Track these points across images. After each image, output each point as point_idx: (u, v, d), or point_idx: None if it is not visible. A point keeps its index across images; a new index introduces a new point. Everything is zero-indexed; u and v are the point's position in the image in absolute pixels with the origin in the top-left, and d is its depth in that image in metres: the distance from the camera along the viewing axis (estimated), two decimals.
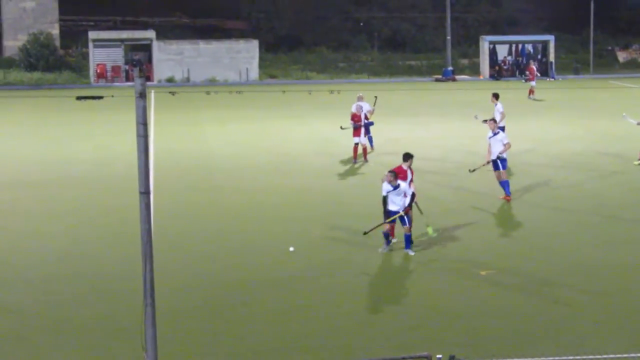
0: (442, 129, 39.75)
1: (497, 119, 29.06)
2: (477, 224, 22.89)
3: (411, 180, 21.18)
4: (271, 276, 18.74)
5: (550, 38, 69.69)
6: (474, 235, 21.80)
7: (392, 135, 37.75)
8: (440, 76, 67.27)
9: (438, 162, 31.53)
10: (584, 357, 13.83)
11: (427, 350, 12.96)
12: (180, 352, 14.55)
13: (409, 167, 21.52)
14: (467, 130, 39.22)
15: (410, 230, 20.08)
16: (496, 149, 25.22)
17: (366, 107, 32.70)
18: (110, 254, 20.31)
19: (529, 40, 70.29)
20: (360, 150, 31.40)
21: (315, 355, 14.55)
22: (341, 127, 32.77)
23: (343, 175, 29.41)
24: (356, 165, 30.98)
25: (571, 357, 13.88)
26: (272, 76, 67.60)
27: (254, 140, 36.59)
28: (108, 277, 18.63)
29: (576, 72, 69.84)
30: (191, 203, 25.39)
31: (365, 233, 20.33)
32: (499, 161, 25.17)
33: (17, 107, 49.58)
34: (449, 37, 69.78)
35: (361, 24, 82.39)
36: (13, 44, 68.81)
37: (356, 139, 31.40)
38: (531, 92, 52.28)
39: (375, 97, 31.24)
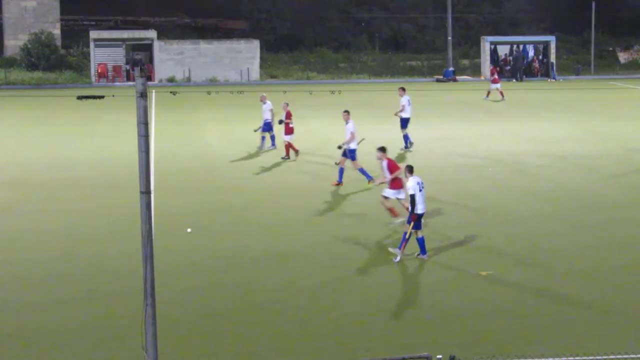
0: (442, 130, 39.74)
1: (401, 112, 33.77)
2: (477, 224, 22.89)
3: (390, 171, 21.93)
4: (271, 276, 18.74)
5: (552, 39, 69.67)
6: (474, 234, 21.79)
7: (392, 135, 37.71)
8: (441, 77, 67.24)
9: (438, 162, 31.52)
10: (584, 357, 13.84)
11: (427, 351, 12.97)
12: (180, 353, 14.55)
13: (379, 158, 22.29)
14: (467, 131, 39.23)
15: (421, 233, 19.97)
16: (348, 138, 26.97)
17: (269, 106, 33.55)
18: (111, 254, 20.31)
19: (530, 40, 70.28)
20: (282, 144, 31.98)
21: (315, 355, 14.56)
22: (279, 122, 32.80)
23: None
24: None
25: (571, 358, 13.89)
26: (273, 76, 67.58)
27: (255, 140, 36.55)
28: (108, 277, 18.63)
29: (577, 73, 69.82)
30: (191, 203, 25.38)
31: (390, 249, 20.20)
32: (347, 151, 26.85)
33: (18, 107, 49.58)
34: (450, 38, 69.76)
35: (362, 24, 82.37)
36: (14, 44, 68.79)
37: (288, 137, 31.75)
38: (491, 93, 52.30)
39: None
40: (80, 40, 71.97)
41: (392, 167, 22.25)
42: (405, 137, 34.61)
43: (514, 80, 66.44)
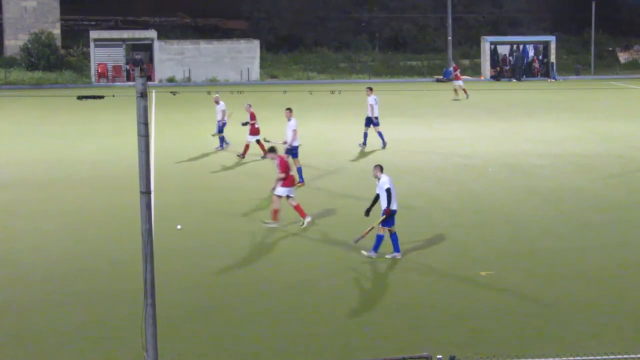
0: (442, 130, 39.74)
1: (369, 111, 34.13)
2: (477, 224, 22.90)
3: (281, 170, 21.97)
4: (271, 276, 18.75)
5: (552, 39, 69.65)
6: (474, 235, 21.81)
7: (392, 135, 37.73)
8: (441, 77, 67.23)
9: (438, 162, 31.53)
10: (584, 357, 13.85)
11: (427, 351, 12.97)
12: (180, 352, 14.56)
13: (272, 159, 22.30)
14: (467, 131, 39.24)
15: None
16: (290, 136, 27.32)
17: (222, 107, 33.84)
18: (111, 254, 20.32)
19: (530, 40, 70.27)
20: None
21: (315, 355, 14.56)
22: (242, 124, 32.79)
23: (343, 175, 29.38)
24: (353, 164, 30.97)
25: (571, 358, 13.90)
26: (273, 76, 67.57)
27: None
28: (108, 277, 18.64)
29: (577, 72, 69.82)
30: (192, 203, 25.38)
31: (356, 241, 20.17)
32: (289, 149, 27.02)
33: (18, 107, 49.58)
34: (450, 38, 69.75)
35: (362, 24, 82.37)
36: (14, 44, 68.77)
37: (252, 138, 31.73)
38: (456, 91, 52.66)
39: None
40: (80, 40, 71.97)
41: (284, 166, 22.21)
42: (380, 134, 34.89)
43: (514, 80, 66.43)
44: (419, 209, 24.62)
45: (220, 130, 33.97)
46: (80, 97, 18.38)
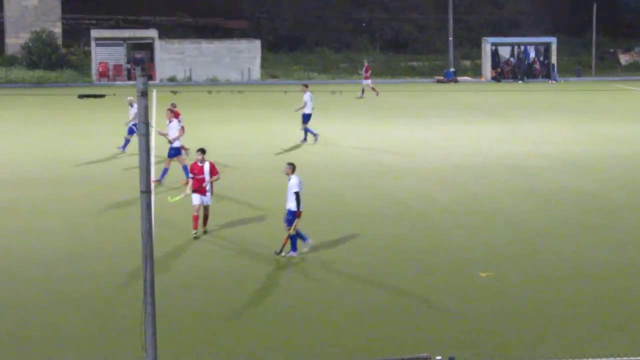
0: (443, 130, 39.74)
1: (303, 107, 35.14)
2: (477, 225, 22.89)
3: (212, 174, 21.30)
4: (271, 276, 18.74)
5: (553, 40, 69.67)
6: (474, 236, 21.80)
7: (392, 136, 37.80)
8: (442, 77, 67.25)
9: (438, 163, 31.52)
10: (583, 359, 13.84)
11: (426, 352, 12.96)
12: (179, 352, 14.55)
13: (202, 161, 21.34)
14: (467, 132, 39.24)
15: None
16: (172, 135, 27.62)
17: (135, 109, 32.97)
18: (111, 253, 20.31)
19: (531, 42, 70.28)
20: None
21: (315, 355, 14.56)
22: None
23: (343, 175, 29.36)
24: (354, 166, 30.95)
25: (570, 359, 13.89)
26: (274, 76, 67.59)
27: (256, 140, 36.60)
28: (108, 276, 18.63)
29: (578, 74, 69.81)
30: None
31: (277, 253, 19.83)
32: (171, 147, 27.37)
33: (18, 105, 49.58)
34: (451, 39, 69.76)
35: (363, 24, 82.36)
36: (15, 42, 68.80)
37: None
38: (365, 89, 53.62)
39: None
40: (82, 39, 71.99)
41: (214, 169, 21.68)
42: (306, 131, 35.65)
43: (520, 82, 66.44)
44: (418, 209, 24.62)
45: (132, 132, 32.64)
46: (81, 96, 18.44)
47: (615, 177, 29.23)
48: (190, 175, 21.43)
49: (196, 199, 21.31)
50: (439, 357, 11.84)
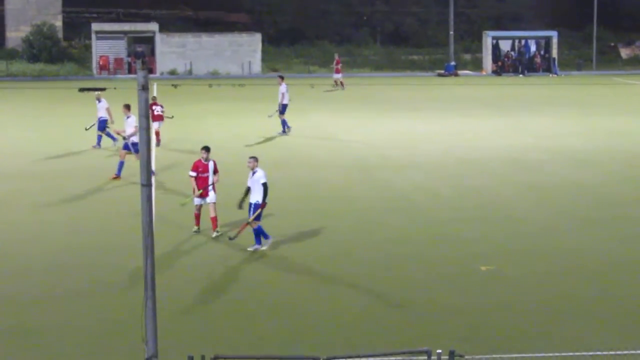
0: (443, 124, 39.72)
1: (280, 99, 36.01)
2: (478, 219, 22.88)
3: (215, 172, 21.15)
4: (271, 271, 18.75)
5: (554, 34, 69.60)
6: (475, 230, 21.79)
7: (393, 129, 37.77)
8: (442, 71, 67.22)
9: (439, 157, 31.51)
10: (584, 353, 13.83)
11: (427, 345, 12.96)
12: (180, 345, 14.55)
13: (207, 159, 21.20)
14: (468, 125, 39.22)
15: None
16: (129, 131, 27.55)
17: (105, 104, 33.11)
18: (111, 246, 20.31)
19: (532, 36, 70.21)
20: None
21: (315, 349, 14.55)
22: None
23: (344, 168, 29.34)
24: (355, 159, 30.94)
25: (570, 354, 13.89)
26: (275, 69, 67.53)
27: (256, 133, 36.56)
28: (109, 269, 18.63)
29: (579, 68, 69.77)
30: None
31: (232, 239, 19.97)
32: (129, 144, 27.34)
33: (19, 98, 49.57)
34: (452, 32, 69.71)
35: (364, 18, 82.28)
36: (16, 35, 68.76)
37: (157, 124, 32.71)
38: (336, 83, 54.37)
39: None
40: (82, 32, 71.99)
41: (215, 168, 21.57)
42: (283, 123, 35.97)
43: (521, 76, 66.41)
44: (419, 203, 24.62)
45: (104, 127, 32.94)
46: (81, 89, 18.40)
47: (616, 171, 29.22)
48: (194, 173, 21.35)
49: (197, 199, 21.26)
50: (440, 351, 11.84)
